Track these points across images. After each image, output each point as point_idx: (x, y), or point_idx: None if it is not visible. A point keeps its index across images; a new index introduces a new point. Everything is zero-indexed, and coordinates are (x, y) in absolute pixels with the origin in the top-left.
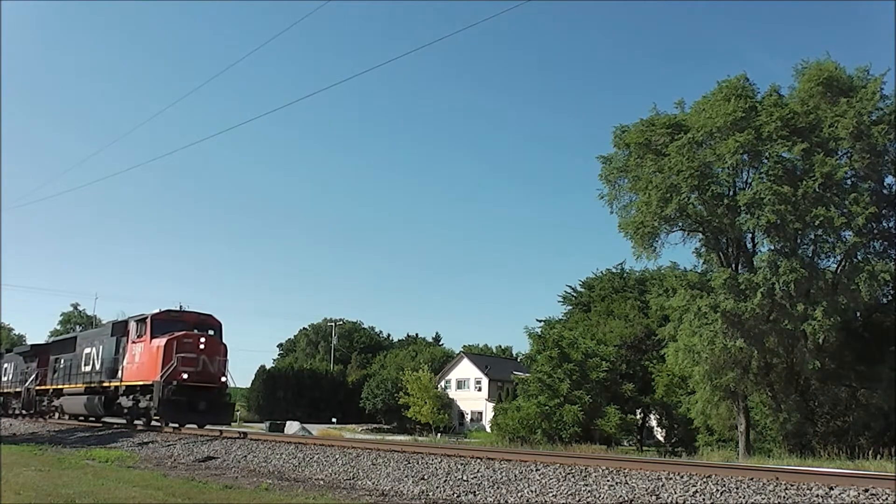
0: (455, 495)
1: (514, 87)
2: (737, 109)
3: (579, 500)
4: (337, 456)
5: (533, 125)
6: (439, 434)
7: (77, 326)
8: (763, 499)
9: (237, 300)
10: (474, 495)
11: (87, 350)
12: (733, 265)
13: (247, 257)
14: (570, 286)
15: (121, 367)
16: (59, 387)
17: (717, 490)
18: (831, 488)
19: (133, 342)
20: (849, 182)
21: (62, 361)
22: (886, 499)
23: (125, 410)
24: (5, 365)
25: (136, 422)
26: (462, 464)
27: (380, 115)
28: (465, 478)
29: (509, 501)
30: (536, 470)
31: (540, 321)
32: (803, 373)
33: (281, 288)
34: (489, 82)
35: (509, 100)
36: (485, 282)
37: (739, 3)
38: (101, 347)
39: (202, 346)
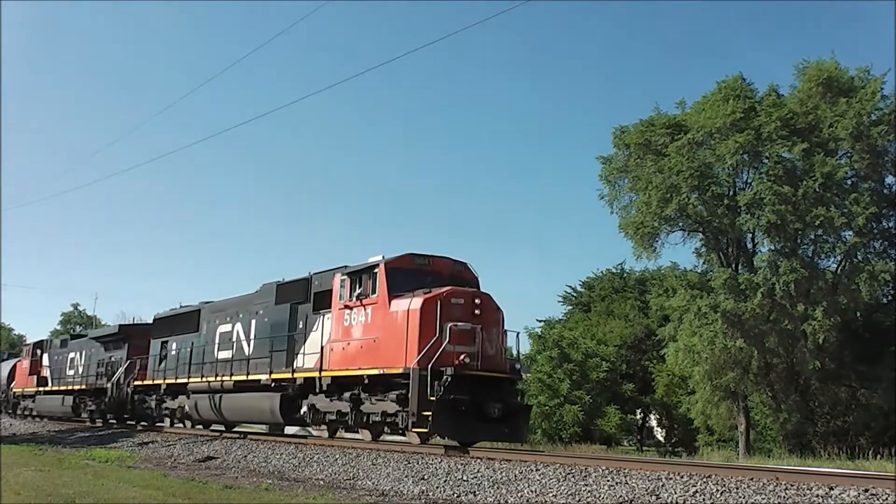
0: (455, 495)
1: (514, 87)
2: (735, 110)
3: (579, 500)
4: (337, 456)
5: (533, 125)
6: None
7: (77, 326)
8: (763, 499)
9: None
10: (474, 495)
11: (225, 327)
12: (733, 265)
13: (246, 257)
14: (569, 286)
15: (302, 351)
16: (178, 381)
17: (717, 490)
18: (831, 488)
19: (344, 307)
20: (849, 182)
21: (175, 345)
22: (886, 499)
23: (324, 416)
24: (71, 355)
25: (355, 433)
26: (462, 464)
27: (379, 115)
28: (465, 478)
29: (509, 501)
30: (536, 470)
31: (540, 321)
32: (803, 373)
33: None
34: (489, 82)
35: (509, 100)
36: (485, 282)
37: (739, 3)
38: (253, 322)
39: (477, 312)
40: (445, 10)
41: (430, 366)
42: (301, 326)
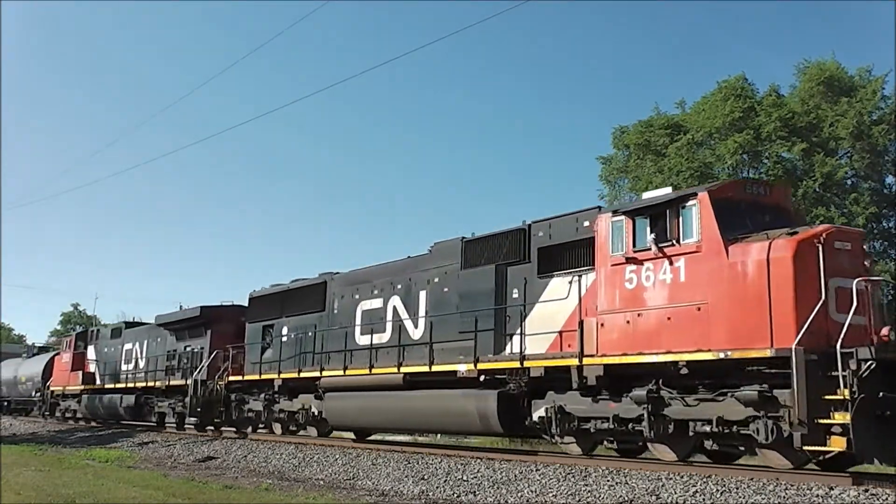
0: (455, 495)
1: (514, 87)
2: (734, 110)
3: (579, 500)
4: (337, 456)
5: (533, 125)
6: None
7: (77, 326)
8: (763, 499)
9: (235, 298)
10: (474, 495)
11: (371, 303)
12: None
13: (246, 258)
14: None
15: (521, 330)
16: (302, 375)
17: (717, 490)
18: (831, 488)
19: (625, 261)
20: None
21: (287, 329)
22: (886, 499)
23: (577, 424)
24: (127, 346)
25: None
26: (462, 464)
27: (379, 115)
28: (465, 478)
29: (509, 501)
30: (536, 470)
31: None
32: None
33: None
34: (489, 81)
35: (508, 100)
36: None
37: (739, 3)
38: (423, 294)
39: (867, 263)
40: (446, 10)
41: (831, 345)
42: (516, 296)
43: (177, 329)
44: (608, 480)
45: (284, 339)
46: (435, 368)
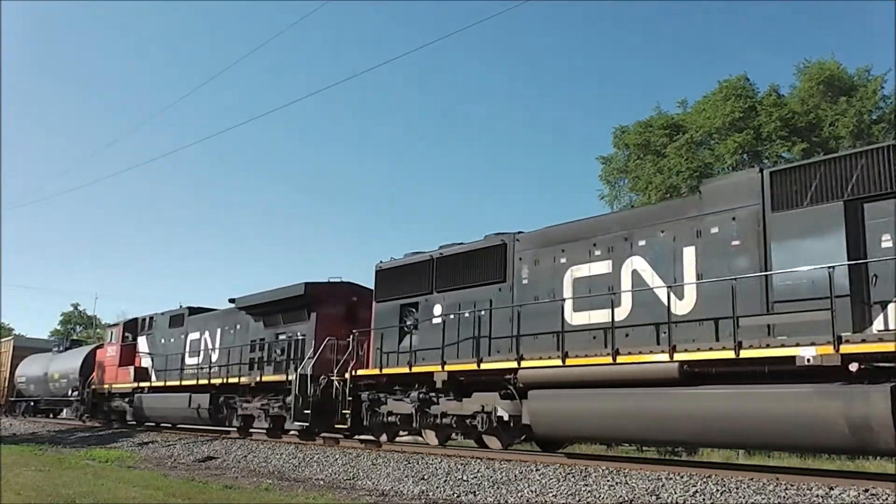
0: (455, 495)
1: (513, 87)
2: (735, 109)
3: (579, 500)
4: (337, 456)
5: (533, 125)
6: None
7: (77, 327)
8: (763, 499)
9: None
10: (474, 495)
11: (594, 267)
12: None
13: (246, 258)
14: None
15: None
16: (492, 365)
17: (717, 490)
18: (831, 488)
19: None
20: None
21: (441, 308)
22: (886, 499)
23: None
24: (194, 335)
25: None
26: (462, 464)
27: (379, 115)
28: (465, 478)
29: (509, 501)
30: (536, 470)
31: None
32: None
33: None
34: (489, 81)
35: (507, 100)
36: None
37: (739, 3)
38: (687, 250)
39: None
40: (446, 10)
41: None
42: (889, 244)
43: (266, 313)
44: (608, 480)
45: (438, 320)
46: (749, 354)
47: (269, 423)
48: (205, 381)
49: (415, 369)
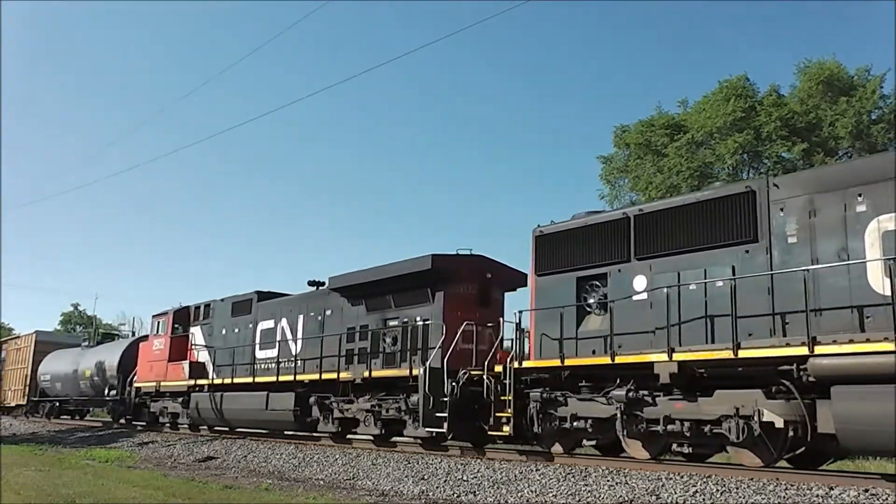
0: (455, 495)
1: (514, 86)
2: (735, 109)
3: (579, 500)
4: (337, 456)
5: (533, 124)
6: None
7: (77, 326)
8: (763, 499)
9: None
10: (474, 495)
11: None
12: None
13: (247, 258)
14: None
15: None
16: (787, 351)
17: (717, 490)
18: (831, 488)
19: None
20: None
21: (642, 280)
22: (886, 499)
23: None
24: (265, 324)
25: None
26: (462, 464)
27: (380, 114)
28: (465, 478)
29: (509, 501)
30: (536, 470)
31: None
32: None
33: (290, 284)
34: (489, 81)
35: (508, 99)
36: None
37: (739, 3)
38: None
39: None
40: (446, 10)
41: None
42: None
43: (370, 295)
44: (608, 480)
45: (643, 295)
46: None
47: (379, 429)
48: (288, 378)
49: (620, 359)
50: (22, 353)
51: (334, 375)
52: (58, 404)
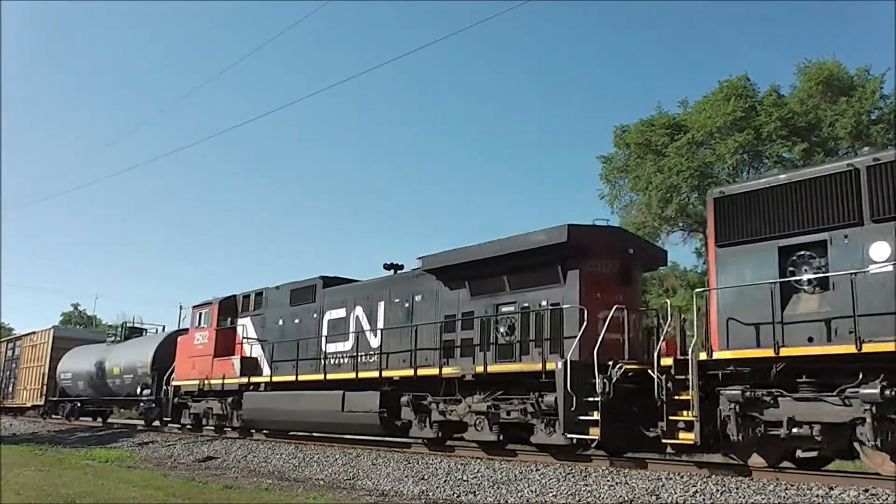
0: (455, 495)
1: (514, 86)
2: (736, 109)
3: (579, 500)
4: (337, 456)
5: (533, 124)
6: None
7: (77, 326)
8: (763, 499)
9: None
10: (474, 495)
11: None
12: None
13: (247, 259)
14: None
15: None
16: None
17: (717, 490)
18: (831, 488)
19: None
20: None
21: (880, 250)
22: (886, 499)
23: None
24: (333, 313)
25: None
26: (462, 464)
27: (380, 114)
28: (465, 478)
29: (509, 501)
30: (536, 470)
31: None
32: None
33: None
34: (489, 80)
35: (507, 99)
36: None
37: (739, 3)
38: None
39: None
40: (446, 10)
41: None
42: None
43: (476, 276)
44: (608, 480)
45: (889, 267)
46: None
47: (495, 434)
48: (371, 375)
49: (872, 347)
50: (38, 349)
51: (434, 371)
52: (79, 405)
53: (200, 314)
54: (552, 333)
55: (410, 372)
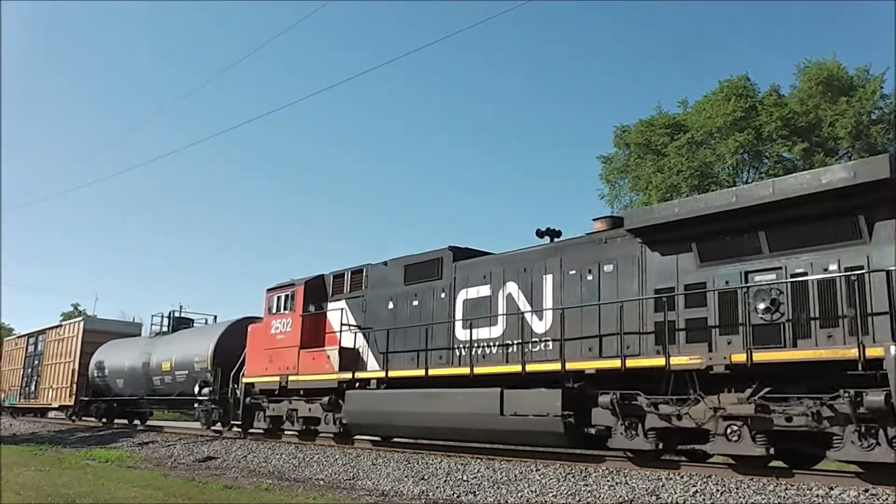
0: (455, 495)
1: (514, 86)
2: (736, 109)
3: (579, 500)
4: (337, 456)
5: (534, 124)
6: None
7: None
8: (763, 499)
9: (237, 302)
10: (474, 495)
11: None
12: None
13: (247, 259)
14: None
15: None
16: None
17: (717, 490)
18: (831, 488)
19: None
20: None
21: None
22: (886, 499)
23: None
24: (468, 292)
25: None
26: (462, 464)
27: (381, 114)
28: (465, 478)
29: (509, 501)
30: (536, 470)
31: None
32: None
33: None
34: (490, 80)
35: (507, 99)
36: None
37: (739, 3)
38: None
39: None
40: (446, 10)
41: None
42: None
43: (713, 235)
44: (608, 480)
45: None
46: None
47: (764, 448)
48: (549, 367)
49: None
50: (66, 344)
51: (654, 361)
52: (115, 405)
53: (279, 298)
54: (849, 310)
55: (616, 363)
